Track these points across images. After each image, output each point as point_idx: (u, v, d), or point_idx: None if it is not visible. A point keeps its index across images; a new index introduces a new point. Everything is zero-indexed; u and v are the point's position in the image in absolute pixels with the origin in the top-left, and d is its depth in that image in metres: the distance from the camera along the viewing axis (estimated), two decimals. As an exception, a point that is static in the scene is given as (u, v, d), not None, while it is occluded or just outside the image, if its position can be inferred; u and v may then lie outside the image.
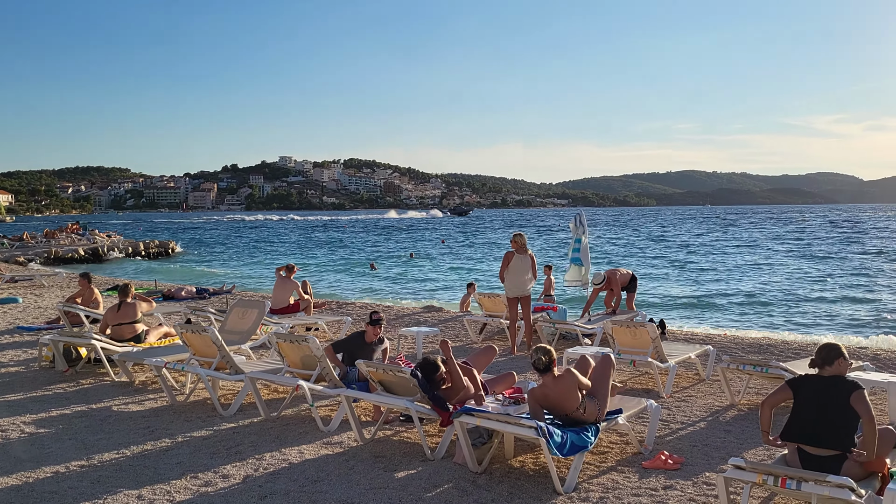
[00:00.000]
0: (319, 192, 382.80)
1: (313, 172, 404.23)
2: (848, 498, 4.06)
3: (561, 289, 15.84)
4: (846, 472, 4.44)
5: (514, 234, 10.98)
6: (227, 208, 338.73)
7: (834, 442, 4.60)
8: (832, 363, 4.86)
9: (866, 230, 71.46)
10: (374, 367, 6.54)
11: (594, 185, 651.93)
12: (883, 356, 9.98)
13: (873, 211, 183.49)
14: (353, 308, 15.32)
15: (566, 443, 5.36)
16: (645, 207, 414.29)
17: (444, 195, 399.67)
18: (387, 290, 27.60)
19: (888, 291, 24.20)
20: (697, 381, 9.00)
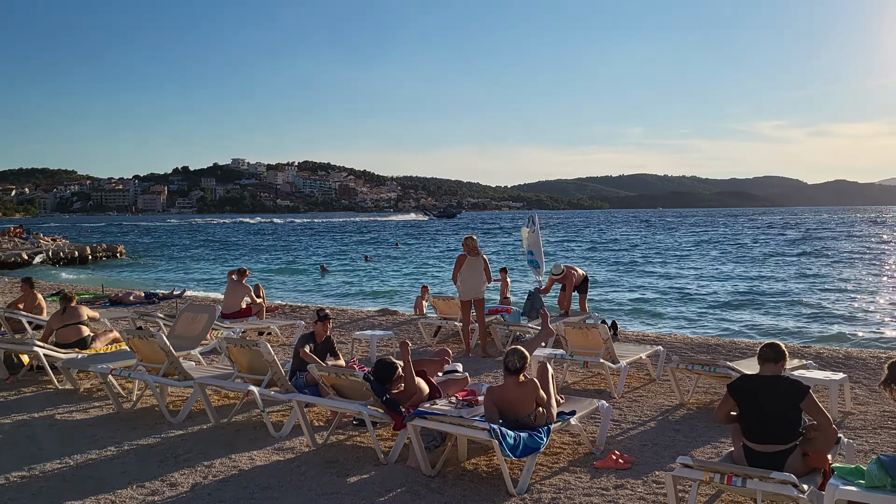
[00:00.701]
0: (273, 195, 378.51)
1: (267, 175, 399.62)
2: (791, 494, 4.17)
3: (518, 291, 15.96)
4: (790, 468, 4.55)
5: (465, 237, 11.01)
6: (178, 211, 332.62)
7: (779, 439, 4.70)
8: (777, 362, 4.97)
9: (810, 233, 73.58)
10: (327, 371, 6.48)
11: (549, 188, 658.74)
12: (825, 354, 10.26)
13: (814, 214, 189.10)
14: (306, 312, 15.16)
15: (519, 444, 5.39)
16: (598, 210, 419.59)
17: (399, 198, 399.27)
18: (341, 294, 27.43)
19: (830, 292, 24.95)
20: (648, 382, 9.14)
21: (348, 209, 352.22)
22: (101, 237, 75.42)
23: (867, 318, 19.26)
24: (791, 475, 4.22)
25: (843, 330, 17.46)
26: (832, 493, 4.23)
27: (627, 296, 24.79)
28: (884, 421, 7.24)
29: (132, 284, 28.07)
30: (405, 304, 21.45)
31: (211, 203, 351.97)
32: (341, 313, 15.20)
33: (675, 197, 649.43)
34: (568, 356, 8.85)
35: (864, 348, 12.67)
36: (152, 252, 56.16)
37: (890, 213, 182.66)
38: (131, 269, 40.28)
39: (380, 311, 15.55)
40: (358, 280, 32.53)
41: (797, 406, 4.73)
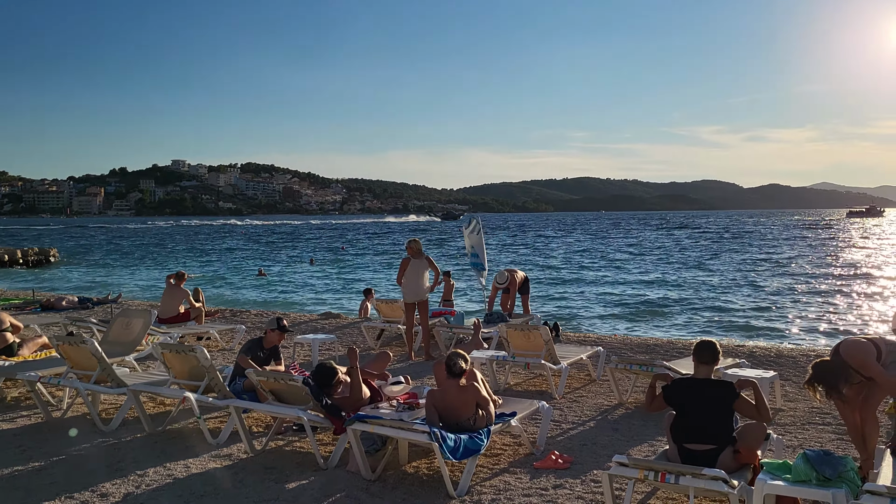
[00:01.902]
0: (215, 197, 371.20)
1: (208, 177, 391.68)
2: (721, 489, 4.27)
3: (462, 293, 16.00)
4: (721, 465, 4.66)
5: (409, 240, 11.01)
6: (116, 214, 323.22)
7: (712, 439, 4.81)
8: (711, 363, 5.10)
9: (745, 236, 75.82)
10: (265, 376, 6.38)
11: (494, 191, 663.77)
12: (758, 353, 10.57)
13: (751, 217, 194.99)
14: (247, 316, 14.91)
15: (459, 447, 5.39)
16: (543, 213, 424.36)
17: (345, 200, 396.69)
18: (283, 297, 27.09)
19: (763, 293, 25.75)
20: (589, 382, 9.26)
21: (292, 212, 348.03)
22: (37, 240, 72.81)
23: (798, 318, 19.95)
24: (722, 471, 4.33)
25: (775, 328, 18.05)
26: (761, 487, 4.35)
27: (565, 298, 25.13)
28: (812, 417, 7.49)
29: (65, 289, 27.19)
30: (350, 307, 21.32)
31: (150, 205, 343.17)
32: (283, 317, 14.98)
33: (617, 200, 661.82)
34: (510, 358, 8.90)
35: (795, 346, 13.11)
36: (87, 255, 54.47)
37: (821, 216, 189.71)
38: (65, 272, 38.97)
39: (323, 315, 15.40)
40: (303, 282, 32.18)
41: (729, 407, 4.86)
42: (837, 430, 6.94)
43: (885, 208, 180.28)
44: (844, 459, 4.39)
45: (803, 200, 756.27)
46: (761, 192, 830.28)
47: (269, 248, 62.13)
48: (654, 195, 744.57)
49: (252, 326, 13.31)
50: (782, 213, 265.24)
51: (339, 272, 38.03)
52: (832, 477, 4.23)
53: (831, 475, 4.23)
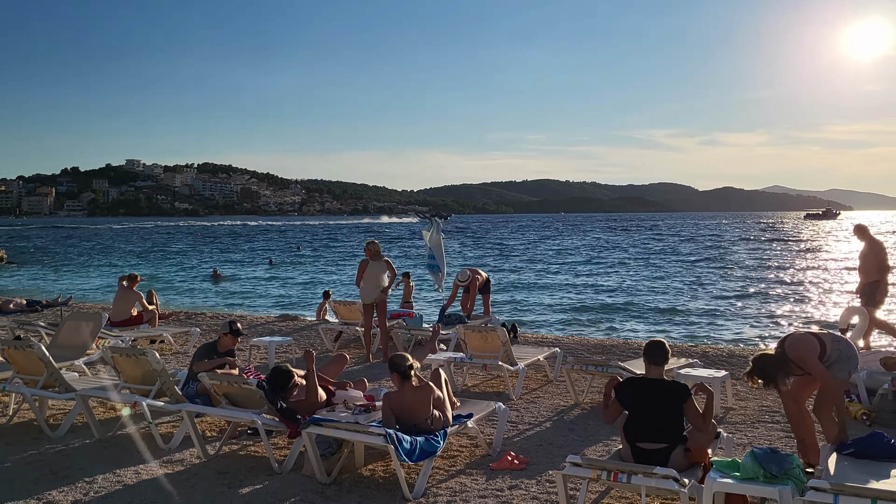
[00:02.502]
0: (171, 198, 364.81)
1: (164, 177, 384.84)
2: (672, 488, 4.34)
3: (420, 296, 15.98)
4: (673, 463, 4.74)
5: (367, 242, 10.96)
6: (68, 214, 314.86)
7: (663, 438, 4.89)
8: (661, 363, 5.18)
9: (702, 239, 77.24)
10: (219, 379, 6.29)
11: (454, 193, 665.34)
12: (710, 353, 10.78)
13: (705, 219, 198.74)
14: (202, 318, 14.69)
15: (415, 449, 5.38)
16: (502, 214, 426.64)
17: (304, 201, 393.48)
18: (239, 299, 26.75)
19: (718, 294, 26.26)
20: (546, 383, 9.33)
21: (250, 212, 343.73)
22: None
23: (751, 318, 20.39)
24: (672, 470, 4.41)
25: (728, 329, 18.42)
26: (710, 485, 4.43)
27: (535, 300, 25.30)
28: (761, 415, 7.66)
29: (13, 292, 26.41)
30: (308, 309, 21.15)
31: (103, 206, 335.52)
32: (239, 319, 14.81)
33: (576, 202, 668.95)
34: (467, 359, 8.92)
35: (746, 346, 13.41)
36: (37, 257, 53.05)
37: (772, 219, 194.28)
38: (12, 274, 37.90)
39: (280, 317, 15.25)
40: (260, 284, 31.82)
41: (680, 407, 4.94)
42: (786, 428, 7.10)
43: (840, 211, 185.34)
44: (790, 457, 4.50)
45: (756, 203, 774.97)
46: (715, 195, 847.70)
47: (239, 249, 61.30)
48: (611, 197, 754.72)
49: (208, 329, 13.12)
50: (736, 216, 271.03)
51: (300, 273, 37.71)
52: (778, 474, 4.33)
53: (777, 472, 4.33)
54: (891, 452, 4.86)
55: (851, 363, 5.51)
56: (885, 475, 4.55)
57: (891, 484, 4.34)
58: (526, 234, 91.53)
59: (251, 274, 37.45)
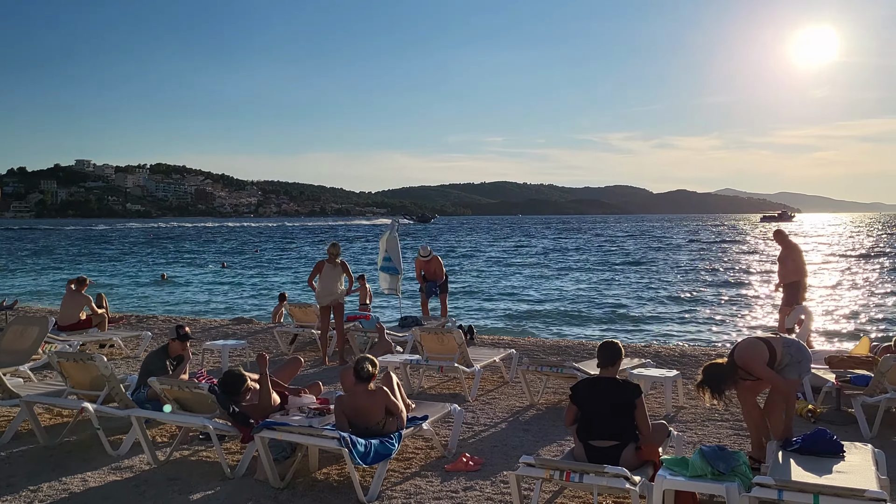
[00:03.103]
0: (123, 199, 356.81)
1: (115, 178, 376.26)
2: (623, 486, 4.41)
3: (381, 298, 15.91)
4: (624, 462, 4.81)
5: (331, 244, 10.97)
6: (14, 216, 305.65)
7: (614, 437, 4.97)
8: (614, 364, 5.26)
9: (657, 240, 78.48)
10: (168, 383, 6.18)
11: (413, 195, 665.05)
12: (663, 353, 10.96)
13: (659, 221, 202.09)
14: (154, 322, 14.41)
15: (370, 452, 5.36)
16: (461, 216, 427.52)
17: (260, 203, 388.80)
18: (192, 302, 26.32)
19: (672, 295, 26.72)
20: (501, 384, 9.38)
21: (205, 214, 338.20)
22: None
23: (701, 319, 20.79)
24: (623, 469, 4.47)
25: (680, 329, 18.77)
26: (660, 483, 4.51)
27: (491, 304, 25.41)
28: (711, 414, 7.81)
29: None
30: (263, 312, 20.91)
31: (52, 207, 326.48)
32: (193, 322, 14.58)
33: (533, 204, 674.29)
34: (423, 361, 8.92)
35: (697, 346, 13.67)
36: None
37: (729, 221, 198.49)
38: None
39: (234, 320, 15.04)
40: (213, 287, 31.35)
41: (631, 406, 5.02)
42: (734, 426, 7.27)
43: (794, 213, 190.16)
44: (737, 454, 4.60)
45: (708, 205, 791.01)
46: (670, 198, 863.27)
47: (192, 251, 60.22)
48: (568, 199, 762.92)
49: (159, 333, 12.87)
50: (690, 218, 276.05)
51: (254, 275, 37.24)
52: (725, 471, 4.43)
53: (724, 469, 4.43)
54: (834, 448, 5.01)
55: (803, 366, 5.65)
56: (827, 470, 4.68)
57: (833, 479, 4.47)
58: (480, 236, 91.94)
59: (204, 277, 36.87)
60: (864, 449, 5.12)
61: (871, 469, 4.69)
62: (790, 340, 5.81)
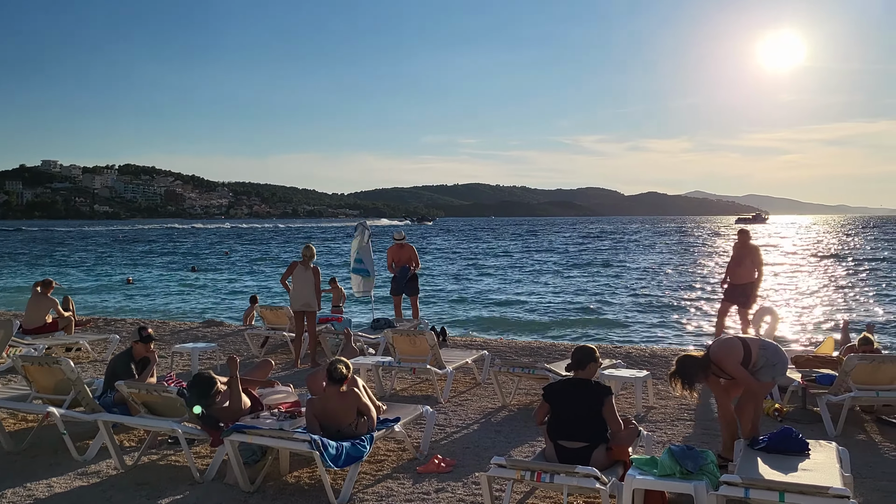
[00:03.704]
0: (90, 201, 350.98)
1: (83, 178, 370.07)
2: (593, 486, 4.44)
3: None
4: (595, 462, 4.85)
5: (305, 246, 10.90)
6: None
7: (585, 437, 5.01)
8: (585, 367, 5.31)
9: (631, 242, 79.17)
10: (137, 387, 6.10)
11: (385, 196, 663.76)
12: (634, 354, 11.06)
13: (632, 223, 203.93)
14: (122, 325, 14.20)
15: (341, 454, 5.34)
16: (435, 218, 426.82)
17: (231, 204, 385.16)
18: (161, 305, 26.00)
19: (642, 296, 26.97)
20: (474, 385, 9.40)
21: (175, 216, 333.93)
22: None
23: (672, 320, 21.01)
24: (594, 469, 4.50)
25: (650, 331, 18.94)
26: (629, 482, 4.55)
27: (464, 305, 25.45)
28: (681, 413, 7.91)
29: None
30: (234, 314, 20.73)
31: (17, 208, 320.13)
32: (162, 325, 14.40)
33: (506, 206, 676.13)
34: (396, 363, 8.91)
35: (667, 347, 13.82)
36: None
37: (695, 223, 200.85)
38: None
39: (204, 323, 14.89)
40: (183, 290, 30.99)
41: (600, 407, 5.07)
42: (703, 426, 7.36)
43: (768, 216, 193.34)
44: (705, 453, 4.66)
45: (679, 207, 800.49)
46: (641, 200, 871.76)
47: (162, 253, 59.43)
48: (541, 201, 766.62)
49: (128, 336, 12.67)
50: (662, 220, 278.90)
51: (225, 277, 36.89)
52: (694, 470, 4.49)
53: (693, 468, 4.49)
54: (799, 447, 5.10)
55: (777, 369, 5.75)
56: (793, 468, 4.77)
57: (798, 477, 4.55)
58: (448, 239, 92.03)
59: (173, 279, 36.42)
60: (828, 447, 5.22)
61: (835, 466, 4.78)
62: (767, 343, 5.91)
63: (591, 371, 5.32)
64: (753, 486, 4.19)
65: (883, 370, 6.99)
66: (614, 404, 5.13)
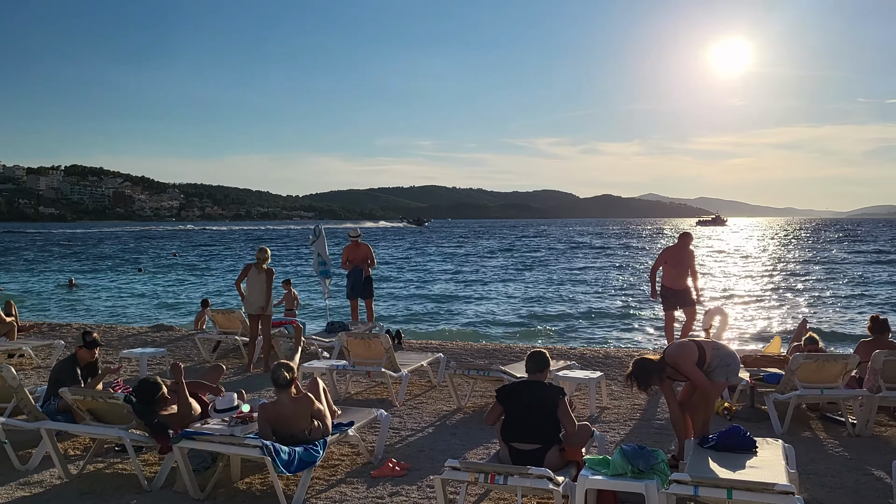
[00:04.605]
0: (35, 202, 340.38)
1: (27, 179, 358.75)
2: (546, 487, 4.46)
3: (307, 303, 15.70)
4: (548, 463, 4.88)
5: (259, 249, 10.74)
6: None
7: (539, 439, 5.04)
8: (541, 371, 5.40)
9: (585, 244, 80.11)
10: (82, 394, 5.92)
11: (341, 199, 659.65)
12: (588, 355, 11.17)
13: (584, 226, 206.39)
14: (67, 330, 13.81)
15: (294, 460, 5.27)
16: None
17: (182, 206, 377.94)
18: (109, 309, 25.39)
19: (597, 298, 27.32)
20: (429, 388, 9.37)
21: (124, 218, 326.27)
22: None
23: (625, 320, 21.32)
24: (547, 470, 4.53)
25: (604, 332, 19.19)
26: (582, 483, 4.59)
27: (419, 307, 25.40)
28: (633, 413, 8.01)
29: None
30: (185, 318, 20.34)
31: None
32: (109, 330, 14.05)
33: (463, 208, 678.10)
34: (350, 367, 8.84)
35: (621, 348, 14.01)
36: None
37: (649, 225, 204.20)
38: None
39: (153, 327, 14.57)
40: (133, 293, 30.32)
41: (554, 408, 5.11)
42: (656, 426, 7.47)
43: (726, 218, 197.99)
44: (656, 452, 4.72)
45: (633, 210, 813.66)
46: (596, 202, 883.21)
47: (108, 256, 57.97)
48: (497, 204, 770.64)
49: (73, 342, 12.32)
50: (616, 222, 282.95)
51: (175, 280, 36.20)
52: (645, 469, 4.54)
53: (644, 467, 4.54)
54: (747, 444, 5.20)
55: (731, 369, 5.89)
56: (741, 466, 4.86)
57: (746, 474, 4.64)
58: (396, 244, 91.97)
59: (120, 282, 35.60)
60: (775, 444, 5.33)
61: (781, 463, 4.88)
62: (720, 344, 6.07)
63: (545, 374, 5.41)
64: (702, 484, 4.26)
65: (827, 368, 7.18)
66: (568, 405, 5.18)
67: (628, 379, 5.71)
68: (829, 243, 73.78)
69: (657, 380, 5.74)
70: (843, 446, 6.70)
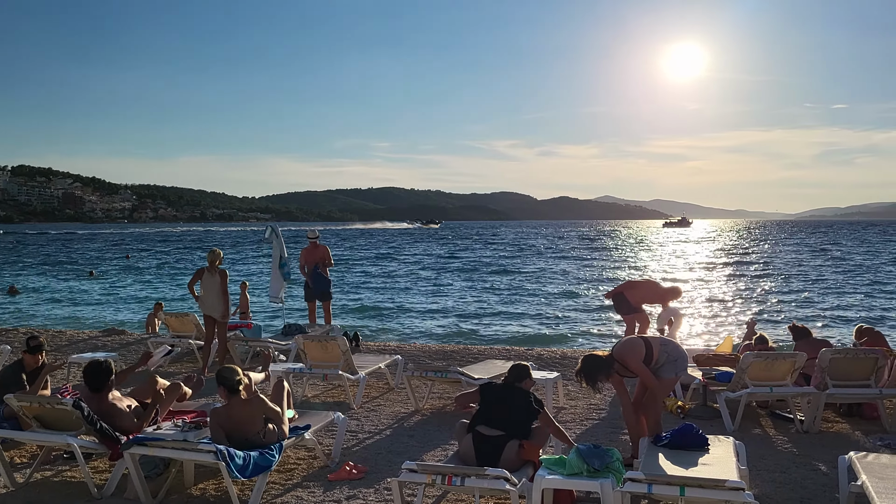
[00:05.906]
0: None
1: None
2: (503, 487, 4.48)
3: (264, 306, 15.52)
4: (505, 461, 4.90)
5: (210, 251, 10.56)
6: None
7: (504, 426, 5.11)
8: (522, 382, 5.52)
9: (542, 248, 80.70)
10: (28, 399, 5.76)
11: (298, 200, 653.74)
12: (545, 356, 11.26)
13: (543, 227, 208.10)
14: (14, 335, 13.41)
15: (249, 464, 5.19)
16: (348, 222, 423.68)
17: (135, 208, 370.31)
18: (58, 313, 24.75)
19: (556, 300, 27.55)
20: (387, 391, 9.34)
21: (74, 220, 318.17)
22: None
23: (581, 322, 21.55)
24: (503, 471, 4.54)
25: (561, 333, 19.37)
26: (538, 483, 4.62)
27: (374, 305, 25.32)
28: (589, 413, 8.10)
29: None
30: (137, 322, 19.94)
31: None
32: (58, 335, 13.69)
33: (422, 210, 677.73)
34: (307, 369, 8.76)
35: (578, 349, 14.15)
36: None
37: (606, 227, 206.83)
38: None
39: (104, 331, 14.24)
40: (83, 296, 29.60)
41: (527, 409, 5.27)
42: (612, 425, 7.56)
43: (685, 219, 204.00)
44: (611, 451, 4.78)
45: (590, 212, 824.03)
46: (553, 204, 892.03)
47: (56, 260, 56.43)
48: (456, 205, 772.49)
49: (20, 346, 11.96)
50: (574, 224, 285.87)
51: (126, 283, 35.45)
52: (600, 468, 4.60)
53: (599, 466, 4.60)
54: (699, 442, 5.31)
55: (679, 365, 5.97)
56: (693, 463, 4.95)
57: (698, 471, 4.73)
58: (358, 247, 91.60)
59: (70, 286, 34.72)
60: (726, 441, 5.45)
61: (732, 460, 4.99)
62: (667, 340, 6.15)
63: (528, 385, 5.54)
64: (655, 482, 4.33)
65: (776, 367, 7.36)
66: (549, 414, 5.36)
67: (577, 375, 5.81)
68: (779, 244, 75.68)
69: (605, 376, 5.84)
70: (792, 442, 6.88)
